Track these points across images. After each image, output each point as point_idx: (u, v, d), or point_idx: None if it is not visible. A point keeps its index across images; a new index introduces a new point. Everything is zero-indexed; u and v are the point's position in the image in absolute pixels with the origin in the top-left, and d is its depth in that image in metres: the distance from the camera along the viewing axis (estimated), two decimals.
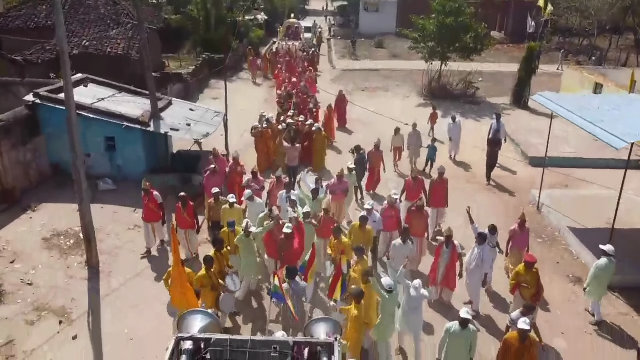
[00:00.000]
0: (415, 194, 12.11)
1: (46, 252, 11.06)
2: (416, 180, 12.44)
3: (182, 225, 10.94)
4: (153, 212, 11.20)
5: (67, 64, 9.71)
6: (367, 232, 10.17)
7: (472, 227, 10.13)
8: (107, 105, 14.52)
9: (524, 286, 8.92)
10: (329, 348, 4.77)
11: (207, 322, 5.06)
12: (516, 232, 10.63)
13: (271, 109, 22.46)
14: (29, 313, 9.30)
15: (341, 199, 12.39)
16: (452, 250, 9.62)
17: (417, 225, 10.87)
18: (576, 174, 16.63)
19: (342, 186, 12.27)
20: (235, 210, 10.83)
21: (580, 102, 12.40)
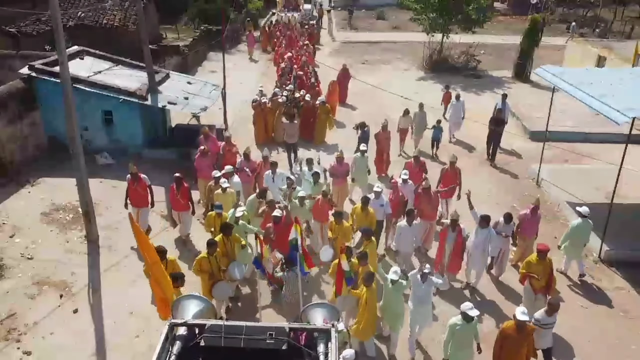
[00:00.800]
0: (417, 175, 11.70)
1: (46, 227, 11.06)
2: (417, 161, 12.12)
3: (177, 207, 10.75)
4: (142, 196, 10.64)
5: (62, 35, 9.51)
6: (370, 216, 9.90)
7: (471, 212, 9.74)
8: (104, 79, 14.34)
9: (534, 277, 8.54)
10: (326, 334, 4.70)
11: (202, 307, 4.99)
12: (527, 217, 10.10)
13: (270, 82, 22.26)
14: (30, 287, 9.36)
15: (342, 183, 12.02)
16: (458, 234, 9.34)
17: (427, 209, 10.52)
18: (577, 149, 16.56)
19: (342, 169, 11.91)
20: (228, 195, 10.46)
21: (583, 76, 12.23)
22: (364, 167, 12.43)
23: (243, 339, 4.47)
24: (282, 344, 4.49)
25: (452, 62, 25.84)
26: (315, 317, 5.13)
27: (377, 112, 19.67)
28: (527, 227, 10.09)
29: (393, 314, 8.09)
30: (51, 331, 8.48)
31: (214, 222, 9.67)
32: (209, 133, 12.80)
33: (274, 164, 11.49)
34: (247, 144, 16.27)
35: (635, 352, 8.62)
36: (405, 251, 9.91)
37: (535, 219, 10.14)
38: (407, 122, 15.67)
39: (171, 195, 10.70)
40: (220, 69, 19.49)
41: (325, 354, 4.50)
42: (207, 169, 11.59)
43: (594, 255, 11.14)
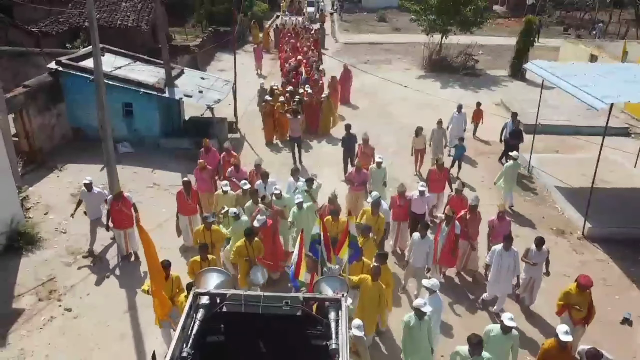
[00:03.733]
0: (440, 185, 11.58)
1: (75, 206, 12.06)
2: (442, 169, 11.76)
3: (186, 212, 10.62)
4: (127, 217, 10.15)
5: (96, 31, 10.56)
6: (379, 220, 9.73)
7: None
8: (124, 73, 15.40)
9: (576, 309, 8.04)
10: (336, 304, 4.93)
11: (223, 279, 5.41)
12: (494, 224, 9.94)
13: (276, 79, 23.31)
14: (66, 256, 10.39)
15: (359, 190, 11.71)
16: (451, 229, 9.48)
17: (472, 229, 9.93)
18: (569, 141, 17.57)
19: (360, 178, 11.61)
20: (228, 197, 10.52)
21: (570, 70, 13.25)
22: (380, 179, 11.92)
23: (261, 306, 4.79)
24: (296, 310, 4.82)
25: (450, 61, 26.85)
26: (326, 288, 5.45)
27: (379, 109, 20.76)
28: (497, 233, 9.78)
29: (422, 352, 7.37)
30: (87, 292, 9.51)
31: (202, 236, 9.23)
32: (209, 145, 12.56)
33: (265, 174, 11.22)
34: (254, 138, 17.50)
35: (610, 312, 9.57)
36: (417, 265, 9.45)
37: (504, 225, 9.91)
38: (422, 142, 14.59)
39: (180, 200, 10.57)
40: (228, 68, 20.69)
41: (336, 320, 4.74)
42: (207, 183, 11.49)
43: (577, 233, 12.11)
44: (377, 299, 7.80)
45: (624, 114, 19.89)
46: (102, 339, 8.49)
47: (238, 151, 16.33)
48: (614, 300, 9.97)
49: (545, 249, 9.17)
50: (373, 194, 10.39)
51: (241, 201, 10.37)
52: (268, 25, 37.17)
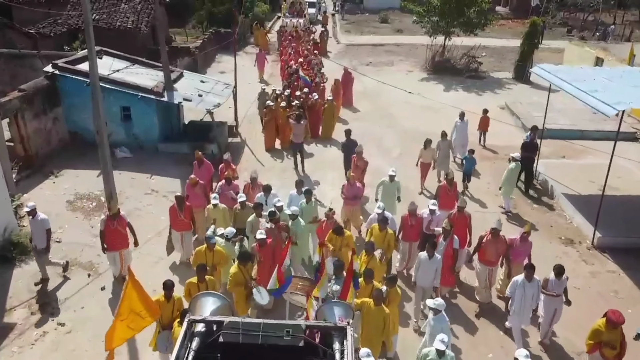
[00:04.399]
0: (451, 201, 10.89)
1: (71, 214, 11.80)
2: (452, 184, 11.16)
3: (178, 227, 10.06)
4: (123, 237, 9.53)
5: (91, 34, 10.24)
6: (389, 236, 9.22)
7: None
8: (122, 77, 15.10)
9: (610, 346, 7.48)
10: (341, 333, 4.65)
11: (220, 304, 5.04)
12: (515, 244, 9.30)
13: (277, 83, 23.01)
14: (60, 267, 10.06)
15: (353, 206, 11.15)
16: (448, 244, 8.99)
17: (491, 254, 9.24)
18: (575, 146, 17.25)
19: (353, 191, 11.00)
20: (218, 210, 10.05)
21: (577, 74, 12.93)
22: (392, 193, 11.22)
23: (261, 336, 4.49)
24: (298, 340, 4.51)
25: (454, 63, 26.53)
26: (330, 316, 5.06)
27: (382, 112, 20.44)
28: (517, 254, 9.28)
29: None
30: (82, 305, 9.19)
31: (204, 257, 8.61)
32: (202, 158, 11.83)
33: (267, 187, 10.60)
34: (255, 143, 17.19)
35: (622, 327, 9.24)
36: (424, 286, 8.86)
37: (526, 246, 9.30)
38: (430, 155, 13.60)
39: (172, 215, 10.05)
40: (228, 70, 20.40)
41: (341, 351, 4.47)
42: (199, 199, 10.78)
43: (587, 242, 11.79)
44: (382, 325, 7.35)
45: (630, 117, 19.56)
46: (96, 355, 8.16)
47: (238, 156, 16.10)
48: (627, 314, 9.42)
49: (565, 278, 8.46)
50: (379, 205, 9.92)
51: (240, 216, 9.86)
52: (268, 27, 36.90)
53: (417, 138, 17.75)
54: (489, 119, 16.95)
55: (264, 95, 17.83)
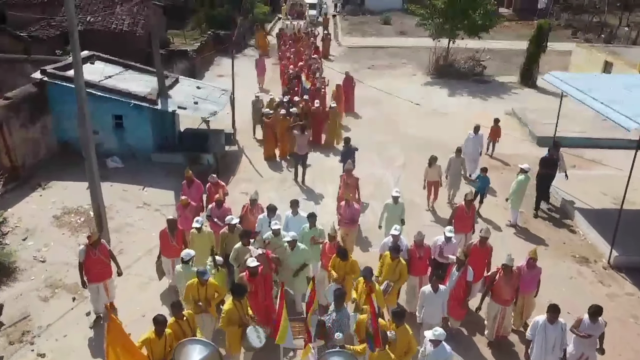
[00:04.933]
0: (468, 224, 10.24)
1: (57, 230, 11.17)
2: (470, 206, 10.36)
3: (170, 253, 9.24)
4: (105, 266, 8.67)
5: (77, 43, 9.62)
6: (401, 266, 8.38)
7: None
8: (114, 83, 14.47)
9: None
10: None
11: (207, 353, 4.61)
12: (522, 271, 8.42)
13: (276, 86, 22.39)
14: (43, 290, 9.46)
15: (350, 228, 10.42)
16: (462, 275, 8.21)
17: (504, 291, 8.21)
18: (585, 155, 16.62)
19: (351, 213, 10.28)
20: (203, 235, 9.10)
21: (591, 83, 12.28)
22: (396, 216, 10.40)
23: None
24: None
25: (458, 67, 25.88)
26: None
27: (385, 118, 19.80)
28: (525, 283, 8.39)
29: None
30: (64, 333, 8.56)
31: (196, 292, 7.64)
32: (192, 177, 10.91)
33: (272, 208, 9.58)
34: (253, 151, 16.55)
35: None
36: (431, 323, 7.87)
37: (534, 273, 8.42)
38: (436, 173, 12.72)
39: (163, 240, 9.22)
40: (227, 73, 19.74)
41: None
42: (190, 221, 9.75)
43: (603, 261, 11.14)
44: None
45: None
46: None
47: (235, 165, 15.48)
48: None
49: (602, 321, 7.40)
50: (395, 227, 8.92)
51: (230, 240, 9.00)
52: (268, 29, 36.23)
53: (422, 146, 17.23)
54: (500, 130, 16.26)
55: (258, 103, 17.15)
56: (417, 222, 12.32)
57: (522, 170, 12.17)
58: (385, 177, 14.94)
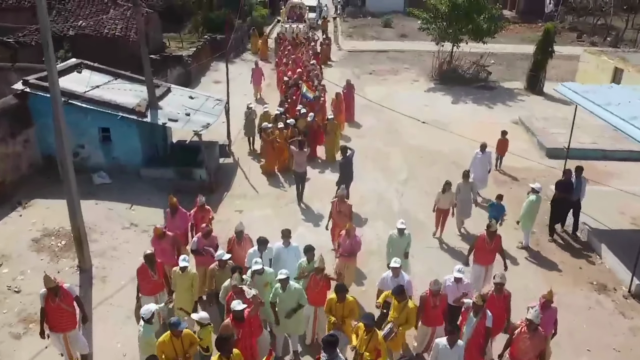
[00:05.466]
0: (489, 256, 9.21)
1: (36, 255, 10.38)
2: (493, 237, 9.21)
3: (152, 290, 8.32)
4: (69, 315, 7.58)
5: (52, 55, 8.87)
6: (409, 310, 7.52)
7: None
8: (102, 94, 13.70)
9: None
10: None
11: None
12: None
13: (274, 94, 21.60)
14: (16, 325, 8.69)
15: (349, 261, 9.42)
16: (480, 321, 7.36)
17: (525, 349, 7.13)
18: (598, 168, 15.84)
19: (349, 245, 9.29)
20: (187, 276, 8.13)
21: (608, 95, 11.49)
22: (401, 250, 9.39)
23: None
24: None
25: (462, 73, 25.10)
26: None
27: (386, 128, 19.00)
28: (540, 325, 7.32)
29: None
30: None
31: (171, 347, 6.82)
32: (176, 204, 9.82)
33: (263, 240, 8.70)
34: (249, 164, 15.77)
35: None
36: None
37: (548, 316, 7.52)
38: (448, 200, 11.50)
39: (142, 277, 8.25)
40: (224, 79, 18.78)
41: None
42: (167, 254, 8.92)
43: (623, 289, 10.35)
44: None
45: None
46: None
47: (229, 179, 14.70)
48: None
49: None
50: (395, 259, 8.19)
51: (220, 277, 8.15)
52: (267, 33, 35.43)
53: (425, 157, 16.47)
54: (508, 142, 15.37)
55: (251, 114, 16.30)
56: (423, 244, 11.58)
57: (533, 190, 11.39)
58: (388, 193, 14.15)
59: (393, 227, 12.27)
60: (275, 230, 11.98)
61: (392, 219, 12.78)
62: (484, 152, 13.33)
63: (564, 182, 11.95)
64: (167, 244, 9.03)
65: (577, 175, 11.92)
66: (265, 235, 9.06)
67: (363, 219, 12.80)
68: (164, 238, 9.01)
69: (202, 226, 9.30)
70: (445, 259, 11.21)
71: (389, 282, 8.14)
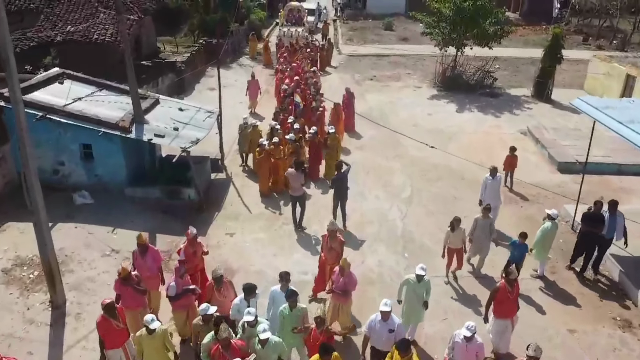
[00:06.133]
0: (512, 308, 8.21)
1: (4, 289, 9.46)
2: (514, 284, 8.12)
3: (118, 341, 7.42)
4: None
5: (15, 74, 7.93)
6: None
7: None
8: (84, 107, 12.78)
9: None
10: None
11: None
12: None
13: (271, 100, 20.66)
14: None
15: (342, 300, 8.48)
16: None
17: None
18: (613, 183, 14.95)
19: (343, 284, 8.32)
20: (157, 337, 7.04)
21: (630, 111, 10.58)
22: (419, 299, 8.33)
23: None
24: None
25: (466, 79, 24.16)
26: None
27: (388, 138, 18.03)
28: None
29: None
30: None
31: None
32: (146, 243, 8.73)
33: (250, 288, 7.59)
34: (243, 180, 14.81)
35: None
36: None
37: None
38: (459, 238, 10.15)
39: (104, 329, 7.32)
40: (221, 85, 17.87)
41: None
42: (134, 297, 8.00)
43: None
44: None
45: None
46: None
47: (221, 197, 13.77)
48: None
49: None
50: (385, 301, 7.26)
51: (204, 334, 7.03)
52: (266, 36, 34.52)
53: (430, 172, 15.54)
54: (517, 159, 14.35)
55: (246, 129, 15.33)
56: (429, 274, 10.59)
57: (549, 217, 10.36)
58: (391, 213, 13.22)
59: (396, 252, 11.62)
60: (268, 257, 11.23)
61: (395, 243, 11.96)
62: (494, 177, 11.93)
63: (593, 215, 10.39)
64: (136, 292, 7.98)
65: (611, 212, 10.33)
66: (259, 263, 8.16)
67: (362, 242, 11.90)
68: (129, 281, 7.89)
69: (175, 266, 8.28)
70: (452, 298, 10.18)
71: (377, 327, 7.33)
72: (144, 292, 8.14)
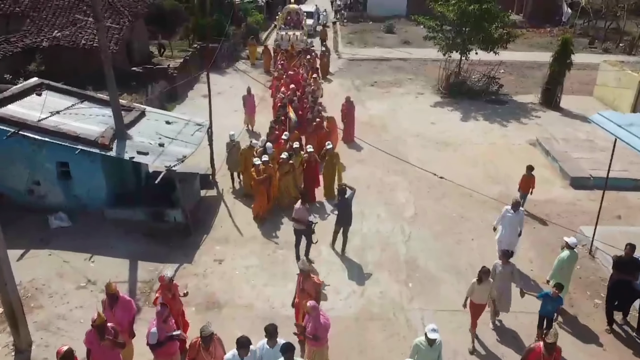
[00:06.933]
0: None
1: None
2: (552, 352, 6.83)
3: None
4: None
5: None
6: None
7: None
8: (61, 122, 11.84)
9: None
10: None
11: None
12: None
13: (267, 109, 19.68)
14: None
15: (316, 347, 7.64)
16: None
17: None
18: (631, 200, 14.00)
19: (313, 327, 7.40)
20: None
21: None
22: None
23: None
24: None
25: (471, 85, 23.18)
26: None
27: (389, 151, 17.00)
28: None
29: None
30: None
31: None
32: (117, 292, 7.72)
33: (243, 342, 6.59)
34: (234, 196, 13.89)
35: None
36: None
37: None
38: (486, 292, 8.66)
39: None
40: (214, 92, 16.91)
41: None
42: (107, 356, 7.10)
43: None
44: None
45: None
46: None
47: (211, 216, 12.81)
48: None
49: None
50: None
51: None
52: (264, 39, 33.56)
53: (435, 188, 14.51)
54: (534, 180, 12.97)
55: (233, 148, 14.02)
56: (437, 316, 9.64)
57: (568, 245, 9.41)
58: (393, 235, 12.25)
59: (399, 281, 10.64)
60: (259, 287, 10.26)
61: (398, 270, 10.99)
62: (516, 211, 10.47)
63: (626, 261, 9.09)
64: (106, 344, 6.93)
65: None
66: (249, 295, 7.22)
67: (362, 270, 10.93)
68: (101, 330, 6.85)
69: (157, 309, 7.32)
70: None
71: None
72: (122, 346, 7.18)
